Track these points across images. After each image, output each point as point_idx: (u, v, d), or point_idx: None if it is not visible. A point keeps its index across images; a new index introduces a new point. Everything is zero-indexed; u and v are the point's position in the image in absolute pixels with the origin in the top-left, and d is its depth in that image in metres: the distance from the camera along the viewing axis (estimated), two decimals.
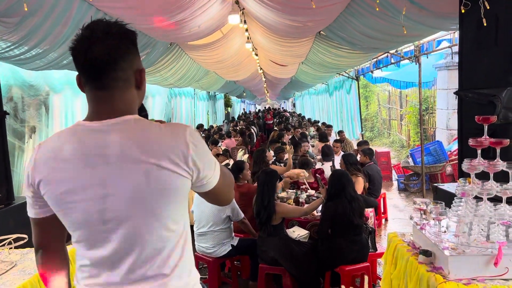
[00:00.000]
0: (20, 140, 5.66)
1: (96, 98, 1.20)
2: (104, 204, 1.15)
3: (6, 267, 2.43)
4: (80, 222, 1.18)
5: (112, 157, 1.15)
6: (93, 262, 1.20)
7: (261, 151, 5.83)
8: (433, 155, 8.44)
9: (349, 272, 3.54)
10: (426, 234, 2.37)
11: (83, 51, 1.15)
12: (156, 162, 1.14)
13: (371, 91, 19.29)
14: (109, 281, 1.19)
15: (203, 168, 1.22)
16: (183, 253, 1.25)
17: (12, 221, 3.62)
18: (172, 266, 1.21)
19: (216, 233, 3.94)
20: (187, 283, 1.26)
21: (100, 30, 1.15)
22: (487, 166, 2.30)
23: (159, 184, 1.15)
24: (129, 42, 1.21)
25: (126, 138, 1.16)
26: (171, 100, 14.16)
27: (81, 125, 1.20)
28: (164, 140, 1.17)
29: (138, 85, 1.25)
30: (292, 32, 7.15)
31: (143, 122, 1.21)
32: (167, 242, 1.21)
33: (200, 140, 1.23)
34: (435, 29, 5.30)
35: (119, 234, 1.17)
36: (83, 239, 1.20)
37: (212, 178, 1.27)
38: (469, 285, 1.96)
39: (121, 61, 1.18)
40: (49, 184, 1.17)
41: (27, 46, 4.36)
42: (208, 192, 1.31)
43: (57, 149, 1.18)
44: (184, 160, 1.17)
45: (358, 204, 3.63)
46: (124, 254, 1.18)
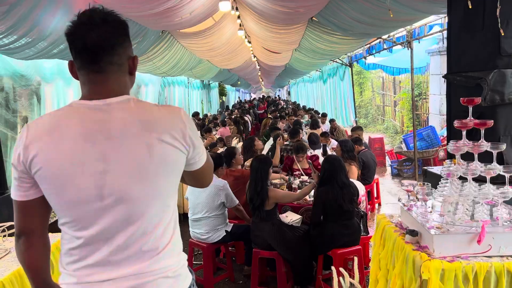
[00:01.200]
0: (13, 130, 5.65)
1: (92, 81, 1.25)
2: (103, 179, 1.17)
3: (1, 254, 2.46)
4: (75, 199, 1.18)
5: (114, 132, 1.19)
6: (86, 241, 1.20)
7: (249, 140, 5.87)
8: (426, 140, 8.52)
9: (341, 255, 3.61)
10: (413, 214, 2.42)
11: (81, 36, 1.19)
12: (157, 136, 1.20)
13: (365, 78, 19.30)
14: (100, 260, 1.20)
15: (197, 145, 1.31)
16: (174, 231, 1.31)
17: (6, 210, 3.65)
18: (165, 243, 1.26)
19: (210, 219, 3.98)
20: (178, 261, 1.30)
21: (98, 17, 1.20)
22: (471, 147, 2.34)
23: (161, 156, 1.21)
24: (123, 31, 1.27)
25: (128, 115, 1.22)
26: (164, 89, 14.10)
27: (80, 103, 1.23)
28: (164, 117, 1.25)
29: (130, 71, 1.32)
30: (284, 18, 7.13)
31: (142, 101, 1.29)
32: (163, 218, 1.26)
33: (192, 121, 1.33)
34: (425, 13, 5.31)
35: (116, 210, 1.19)
36: (76, 219, 1.20)
37: (202, 156, 1.37)
38: (453, 262, 2.01)
39: (117, 46, 1.24)
40: (44, 161, 1.17)
41: (16, 35, 4.33)
42: (196, 171, 1.39)
43: (52, 126, 1.20)
44: (182, 136, 1.25)
45: (349, 190, 3.68)
46: (120, 230, 1.20)
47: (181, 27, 7.53)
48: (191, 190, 4.12)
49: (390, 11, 3.71)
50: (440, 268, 1.99)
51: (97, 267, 1.20)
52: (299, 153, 5.31)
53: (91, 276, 1.20)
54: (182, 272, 1.32)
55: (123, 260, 1.20)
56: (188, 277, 1.34)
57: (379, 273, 2.65)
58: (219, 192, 3.95)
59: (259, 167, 3.80)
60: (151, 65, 9.02)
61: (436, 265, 2.00)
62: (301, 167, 5.30)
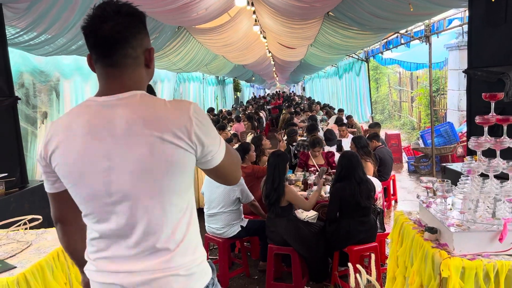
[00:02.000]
0: (33, 125, 5.76)
1: (106, 75, 1.25)
2: (109, 176, 1.19)
3: (22, 247, 2.51)
4: (87, 195, 1.22)
5: (117, 130, 1.18)
6: (101, 235, 1.24)
7: (257, 139, 5.87)
8: (444, 137, 8.37)
9: (358, 252, 3.58)
10: (432, 211, 2.38)
11: (95, 29, 1.19)
12: (159, 135, 1.16)
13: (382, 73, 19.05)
14: (116, 254, 1.23)
15: (207, 143, 1.23)
16: (188, 230, 1.27)
17: (27, 203, 3.72)
18: (177, 242, 1.24)
19: (225, 214, 4.00)
20: (193, 260, 1.27)
21: (111, 9, 1.19)
22: (493, 143, 2.29)
23: (162, 157, 1.17)
24: (139, 22, 1.24)
25: (131, 112, 1.19)
26: (180, 85, 14.17)
27: (92, 100, 1.25)
28: (168, 114, 1.20)
29: (147, 64, 1.29)
30: (299, 13, 7.07)
31: (149, 97, 1.24)
32: (170, 217, 1.23)
33: (204, 116, 1.25)
34: (445, 7, 5.20)
35: (124, 207, 1.20)
36: (91, 212, 1.25)
37: (216, 154, 1.28)
38: (473, 261, 1.98)
39: (131, 39, 1.22)
40: (60, 157, 1.22)
41: (36, 31, 4.41)
42: (213, 169, 1.32)
43: (68, 124, 1.24)
44: (187, 135, 1.19)
45: (366, 186, 3.64)
46: (130, 227, 1.21)
47: (197, 23, 7.55)
48: (206, 185, 4.14)
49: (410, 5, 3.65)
50: (460, 266, 1.96)
51: (113, 259, 1.24)
52: (315, 147, 5.28)
53: (107, 266, 1.25)
54: (197, 271, 1.28)
55: (136, 255, 1.22)
56: (206, 275, 1.32)
57: (396, 270, 2.62)
58: (234, 188, 3.96)
59: (277, 163, 3.78)
60: (167, 61, 9.08)
61: (456, 263, 1.97)
62: (316, 162, 5.28)
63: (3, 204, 3.53)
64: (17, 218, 2.75)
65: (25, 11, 3.96)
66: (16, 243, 2.59)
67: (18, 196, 3.72)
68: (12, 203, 3.62)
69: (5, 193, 3.64)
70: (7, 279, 2.07)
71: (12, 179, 3.77)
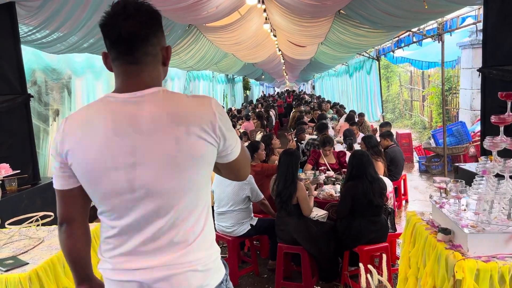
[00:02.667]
0: (45, 122, 5.81)
1: (126, 72, 1.25)
2: (133, 172, 1.19)
3: (34, 243, 2.54)
4: (108, 191, 1.21)
5: (143, 126, 1.18)
6: (120, 231, 1.24)
7: (267, 137, 5.84)
8: (456, 136, 8.27)
9: (368, 252, 3.55)
10: (445, 212, 2.35)
11: (117, 25, 1.19)
12: (185, 130, 1.18)
13: (393, 72, 18.90)
14: (133, 250, 1.23)
15: (228, 137, 1.27)
16: (205, 225, 1.28)
17: (39, 200, 3.76)
18: (195, 236, 1.25)
19: (235, 212, 3.99)
20: (210, 254, 1.29)
21: (132, 6, 1.19)
22: (509, 144, 2.25)
23: (189, 150, 1.19)
24: (157, 20, 1.26)
25: (156, 107, 1.20)
26: (189, 83, 14.21)
27: (111, 96, 1.24)
28: (192, 109, 1.22)
29: (164, 61, 1.31)
30: (311, 11, 7.03)
31: (171, 93, 1.26)
32: (193, 211, 1.24)
33: (223, 111, 1.28)
34: (460, 5, 5.12)
35: (147, 202, 1.20)
36: (110, 209, 1.24)
37: (235, 148, 1.32)
38: (488, 262, 1.95)
39: (151, 36, 1.23)
40: (79, 153, 1.21)
41: (48, 29, 4.44)
42: (230, 164, 1.35)
43: (87, 119, 1.23)
44: (212, 128, 1.22)
45: (379, 184, 3.61)
46: (151, 222, 1.21)
47: (208, 21, 7.55)
48: (216, 183, 4.14)
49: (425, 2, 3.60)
50: (475, 268, 1.93)
51: (130, 256, 1.23)
52: (325, 146, 5.25)
53: (124, 263, 1.24)
54: (213, 267, 1.29)
55: (154, 250, 1.22)
56: (220, 271, 1.33)
57: (409, 271, 2.59)
58: (244, 186, 3.95)
59: (289, 161, 3.77)
60: (177, 59, 9.10)
61: (471, 265, 1.94)
62: (327, 161, 5.25)
63: (15, 200, 3.57)
64: (29, 215, 2.77)
65: (37, 9, 3.99)
66: (28, 239, 2.61)
67: (31, 193, 3.76)
68: (24, 200, 3.66)
69: (18, 190, 3.69)
70: (19, 275, 2.09)
71: (25, 176, 3.81)
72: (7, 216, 2.77)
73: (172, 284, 1.22)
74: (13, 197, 3.56)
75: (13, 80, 3.88)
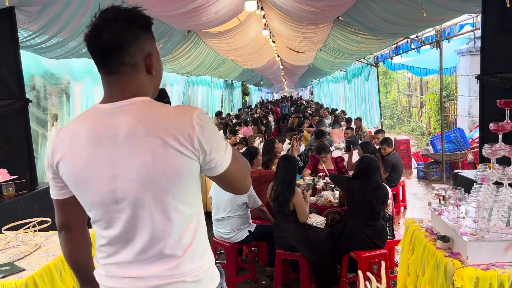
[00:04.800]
0: (43, 127, 5.80)
1: (107, 82, 1.24)
2: (115, 184, 1.18)
3: (31, 249, 2.52)
4: (94, 202, 1.23)
5: (120, 137, 1.17)
6: (109, 241, 1.25)
7: (270, 142, 5.83)
8: (454, 143, 8.29)
9: (367, 258, 3.54)
10: (444, 219, 2.35)
11: (93, 37, 1.18)
12: (161, 142, 1.15)
13: (391, 78, 18.98)
14: (123, 260, 1.24)
15: (209, 150, 1.20)
16: (195, 236, 1.26)
17: (36, 206, 3.73)
18: (183, 248, 1.23)
19: (233, 219, 3.98)
20: (201, 266, 1.27)
21: (107, 16, 1.18)
22: (508, 151, 2.25)
23: (165, 163, 1.16)
24: (138, 27, 1.21)
25: (133, 119, 1.18)
26: (188, 88, 14.23)
27: (96, 108, 1.24)
28: (170, 121, 1.17)
29: (148, 70, 1.25)
30: (310, 17, 7.06)
31: (151, 103, 1.22)
32: (175, 224, 1.22)
33: (208, 123, 1.21)
34: (458, 13, 5.15)
35: (129, 214, 1.20)
36: (99, 219, 1.25)
37: (220, 162, 1.24)
38: (487, 271, 1.94)
39: (127, 46, 1.19)
40: (66, 165, 1.23)
41: (48, 34, 4.44)
42: (219, 177, 1.28)
43: (73, 131, 1.24)
44: (189, 141, 1.16)
45: (383, 191, 3.61)
46: (136, 234, 1.21)
47: (207, 27, 7.57)
48: (214, 189, 4.12)
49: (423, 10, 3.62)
50: (474, 276, 1.92)
51: (121, 265, 1.24)
52: (321, 153, 5.26)
53: (116, 271, 1.25)
54: (204, 277, 1.28)
55: (144, 262, 1.22)
56: (213, 281, 1.32)
57: (407, 278, 2.58)
58: None
59: (287, 166, 3.77)
60: (176, 64, 9.12)
61: (470, 273, 1.93)
62: (326, 167, 5.24)
63: (13, 206, 3.55)
64: (26, 220, 2.76)
65: (37, 14, 3.99)
66: (25, 245, 2.59)
67: (28, 198, 3.74)
68: (21, 205, 3.63)
69: (15, 195, 3.66)
70: (15, 281, 2.07)
71: (22, 181, 3.79)
72: (4, 222, 2.76)
73: None
74: (10, 203, 3.53)
75: (12, 84, 3.87)
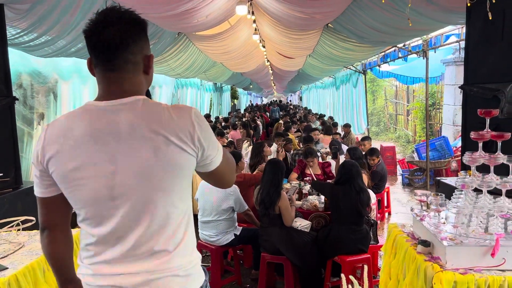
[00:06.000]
0: (29, 126, 5.74)
1: (106, 79, 1.26)
2: (113, 180, 1.20)
3: (14, 248, 2.50)
4: (88, 199, 1.23)
5: (122, 134, 1.20)
6: (99, 239, 1.25)
7: (259, 145, 5.86)
8: (439, 151, 8.43)
9: (350, 263, 3.59)
10: (425, 225, 2.40)
11: (97, 33, 1.21)
12: (163, 139, 1.19)
13: (378, 86, 19.21)
14: (113, 257, 1.24)
15: (207, 147, 1.27)
16: (186, 232, 1.30)
17: (20, 205, 3.70)
18: (176, 243, 1.27)
19: (219, 222, 3.98)
20: (190, 261, 1.31)
21: (114, 15, 1.22)
22: (487, 159, 2.32)
23: (167, 159, 1.20)
24: (140, 29, 1.27)
25: (135, 116, 1.21)
26: (177, 90, 14.20)
27: (92, 105, 1.26)
28: (171, 119, 1.22)
29: (146, 70, 1.31)
30: (300, 24, 7.14)
31: (151, 102, 1.27)
32: (172, 219, 1.26)
33: (204, 121, 1.29)
34: (443, 23, 5.28)
35: (126, 210, 1.21)
36: (90, 217, 1.25)
37: (215, 158, 1.33)
38: (465, 275, 1.99)
39: (132, 45, 1.24)
40: (59, 161, 1.22)
41: (36, 33, 4.42)
42: (211, 173, 1.36)
43: (67, 128, 1.24)
44: (190, 138, 1.23)
45: (366, 195, 3.67)
46: (130, 230, 1.23)
47: (197, 30, 7.59)
48: (200, 192, 4.12)
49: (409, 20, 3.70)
50: (452, 280, 1.98)
51: (111, 262, 1.24)
52: (307, 158, 5.31)
53: (104, 269, 1.25)
54: (194, 272, 1.32)
55: (135, 258, 1.23)
56: (200, 277, 1.35)
57: (389, 282, 2.63)
58: (228, 197, 3.94)
59: (274, 170, 3.79)
60: (166, 66, 9.11)
61: (449, 277, 1.98)
62: (313, 172, 5.29)
63: None
64: (10, 219, 2.73)
65: (26, 12, 3.97)
66: (8, 244, 2.57)
67: (12, 197, 3.70)
68: (5, 204, 3.59)
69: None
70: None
71: (7, 179, 3.75)
72: None
73: None
74: None
75: None
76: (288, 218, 3.74)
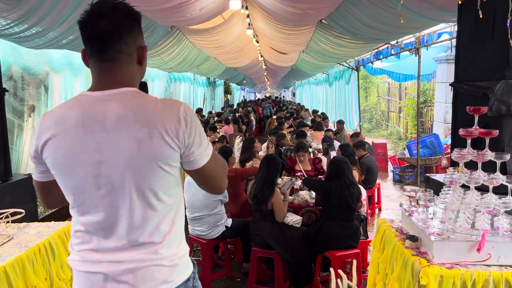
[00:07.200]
0: (19, 118, 5.69)
1: (100, 70, 1.28)
2: (99, 169, 1.22)
3: (3, 240, 2.49)
4: (76, 186, 1.25)
5: (109, 124, 1.21)
6: (87, 228, 1.27)
7: (249, 141, 5.86)
8: (429, 148, 8.51)
9: (340, 257, 3.62)
10: (413, 220, 2.43)
11: (91, 23, 1.23)
12: (148, 131, 1.20)
13: (371, 83, 19.28)
14: (101, 246, 1.26)
15: (192, 143, 1.26)
16: (173, 226, 1.31)
17: (10, 197, 3.67)
18: (162, 235, 1.28)
19: (210, 216, 3.98)
20: (176, 253, 1.32)
21: (108, 6, 1.23)
22: (475, 156, 2.35)
23: (150, 152, 1.21)
24: (134, 20, 1.29)
25: (123, 107, 1.22)
26: (170, 84, 14.13)
27: (84, 94, 1.28)
28: (158, 112, 1.23)
29: (139, 61, 1.34)
30: (293, 19, 7.13)
31: (141, 94, 1.28)
32: (156, 211, 1.26)
33: (193, 118, 1.28)
34: (435, 21, 5.30)
35: (111, 200, 1.23)
36: (78, 204, 1.28)
37: (200, 157, 1.30)
38: (452, 269, 2.03)
39: (125, 35, 1.26)
40: (51, 148, 1.25)
41: (27, 24, 4.37)
42: (196, 171, 1.33)
43: (60, 116, 1.26)
44: (175, 133, 1.23)
45: (356, 188, 3.70)
46: (115, 220, 1.24)
47: (191, 24, 7.55)
48: (186, 188, 4.07)
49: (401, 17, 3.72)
50: (439, 275, 2.01)
51: (98, 251, 1.27)
52: (299, 152, 5.30)
53: (91, 256, 1.27)
54: (180, 263, 1.33)
55: (121, 248, 1.25)
56: (187, 269, 1.37)
57: (377, 276, 2.66)
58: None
59: (270, 165, 3.80)
60: (158, 60, 9.05)
61: (435, 271, 2.01)
62: (303, 168, 5.31)
63: None
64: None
65: (17, 2, 3.92)
66: None
67: (1, 189, 3.67)
68: None
69: None
70: None
71: None
72: None
73: (136, 276, 1.25)
74: None
75: None
76: (280, 214, 3.76)
